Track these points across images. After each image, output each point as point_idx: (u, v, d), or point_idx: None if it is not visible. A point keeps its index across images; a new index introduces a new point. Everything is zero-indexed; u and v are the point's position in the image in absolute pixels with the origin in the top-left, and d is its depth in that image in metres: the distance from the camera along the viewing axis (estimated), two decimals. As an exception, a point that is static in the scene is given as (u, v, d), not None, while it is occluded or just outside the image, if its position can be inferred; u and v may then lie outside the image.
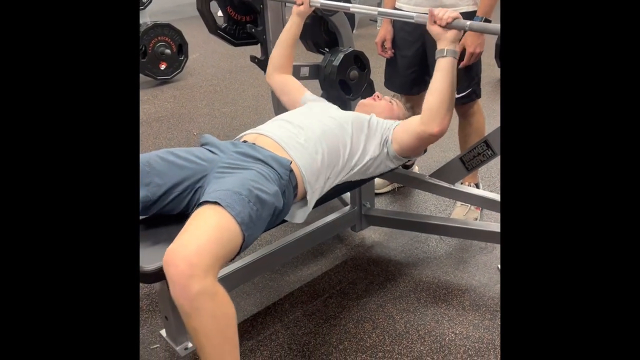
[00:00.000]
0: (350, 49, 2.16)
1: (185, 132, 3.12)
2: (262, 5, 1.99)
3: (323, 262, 1.94)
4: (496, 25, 1.29)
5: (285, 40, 1.78)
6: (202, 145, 1.44)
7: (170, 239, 1.28)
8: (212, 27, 1.96)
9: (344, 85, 2.23)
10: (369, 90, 2.19)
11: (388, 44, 2.08)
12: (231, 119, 3.30)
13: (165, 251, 1.07)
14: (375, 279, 1.83)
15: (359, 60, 2.17)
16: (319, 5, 1.70)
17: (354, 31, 4.27)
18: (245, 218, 1.14)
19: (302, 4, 1.72)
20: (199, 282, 1.03)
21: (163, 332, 1.59)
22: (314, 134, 1.43)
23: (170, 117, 3.35)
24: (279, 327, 1.64)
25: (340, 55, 2.14)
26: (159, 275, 1.21)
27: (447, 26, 1.35)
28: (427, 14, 1.63)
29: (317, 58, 2.28)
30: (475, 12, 1.89)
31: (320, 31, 2.24)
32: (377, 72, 2.24)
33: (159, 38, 3.79)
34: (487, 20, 1.64)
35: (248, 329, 1.63)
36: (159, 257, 1.22)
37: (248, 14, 1.97)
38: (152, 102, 3.62)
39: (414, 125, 1.46)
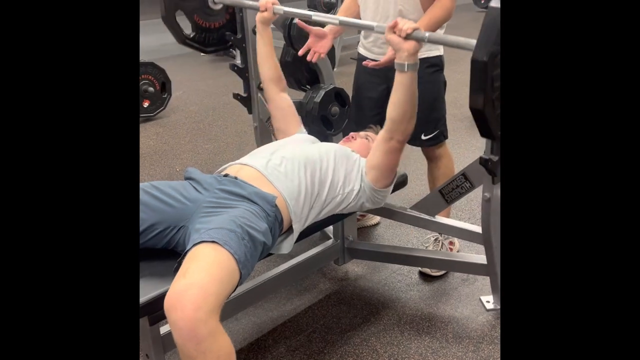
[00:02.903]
0: (331, 86, 2.22)
1: (168, 169, 3.12)
2: (244, 44, 2.04)
3: (306, 297, 1.93)
4: (453, 37, 1.26)
5: (264, 53, 1.78)
6: (186, 178, 1.45)
7: (154, 275, 1.28)
8: (180, 37, 1.93)
9: (325, 120, 2.27)
10: (350, 125, 2.23)
11: (314, 49, 1.89)
12: (214, 155, 3.32)
13: (168, 294, 1.05)
14: (359, 313, 1.83)
15: (340, 97, 2.23)
16: (282, 12, 1.70)
17: (335, 69, 4.36)
18: (242, 256, 1.15)
19: (265, 10, 1.71)
20: (206, 325, 1.02)
21: (144, 371, 1.56)
22: (296, 164, 1.45)
23: (153, 154, 3.35)
24: (263, 363, 1.62)
25: (322, 92, 2.20)
26: (143, 310, 1.20)
27: (407, 37, 1.33)
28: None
29: (299, 95, 2.34)
30: (437, 56, 1.92)
31: (301, 69, 2.30)
32: (358, 108, 2.29)
33: (143, 76, 3.83)
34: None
35: (231, 366, 1.60)
36: (143, 292, 1.21)
37: (216, 20, 1.96)
38: (134, 139, 3.62)
39: (379, 139, 1.51)
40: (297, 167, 1.44)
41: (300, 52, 1.87)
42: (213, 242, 1.13)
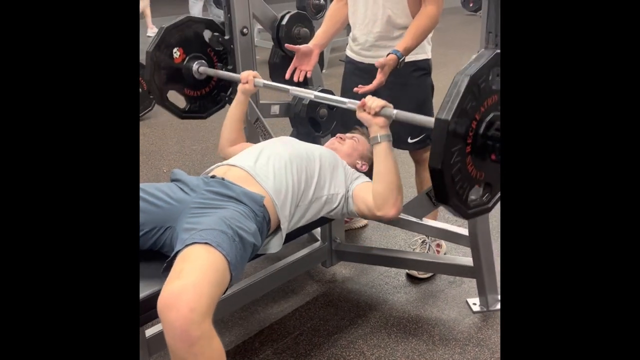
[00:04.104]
0: (320, 88, 2.22)
1: (155, 170, 3.10)
2: (232, 45, 2.03)
3: (294, 299, 1.93)
4: (420, 117, 1.33)
5: (233, 117, 1.79)
6: (172, 180, 1.44)
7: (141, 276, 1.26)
8: (179, 113, 2.06)
9: (313, 122, 2.28)
10: (337, 127, 2.24)
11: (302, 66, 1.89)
12: (202, 156, 3.30)
13: (162, 294, 1.05)
14: (346, 315, 1.83)
15: (328, 99, 2.23)
16: (262, 85, 1.74)
17: (323, 71, 4.37)
18: (233, 258, 1.15)
19: (247, 82, 1.74)
20: (199, 327, 1.01)
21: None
22: (283, 162, 1.45)
23: (140, 155, 3.33)
24: (249, 366, 1.61)
25: (310, 94, 2.19)
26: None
27: (376, 114, 1.39)
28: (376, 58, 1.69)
29: (287, 97, 2.33)
30: (425, 60, 1.91)
31: (290, 70, 2.29)
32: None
33: (130, 76, 3.81)
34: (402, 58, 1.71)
35: (217, 369, 1.59)
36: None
37: (204, 87, 2.07)
38: (121, 140, 3.59)
39: (369, 205, 1.45)
40: (285, 165, 1.44)
41: (287, 76, 1.88)
42: (206, 243, 1.13)
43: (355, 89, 1.73)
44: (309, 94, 1.64)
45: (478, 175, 1.13)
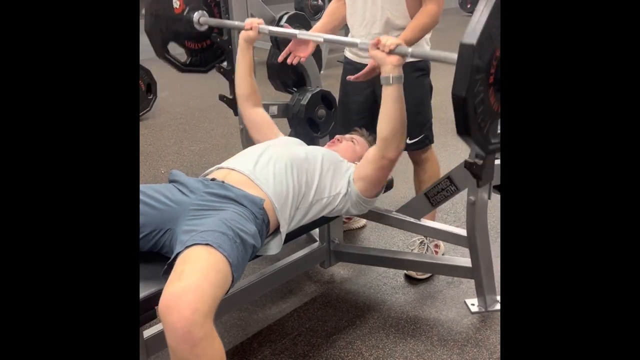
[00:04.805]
0: (318, 89, 2.22)
1: (153, 170, 3.10)
2: (230, 46, 2.03)
3: (292, 300, 1.92)
4: (439, 52, 1.31)
5: (241, 70, 1.78)
6: (170, 181, 1.44)
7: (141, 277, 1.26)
8: (179, 67, 2.02)
9: (312, 123, 2.27)
10: (336, 128, 2.24)
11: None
12: (199, 156, 3.30)
13: (163, 296, 1.04)
14: (345, 316, 1.83)
15: (326, 100, 2.23)
16: (267, 32, 1.70)
17: (322, 71, 4.36)
18: (234, 260, 1.15)
19: (251, 29, 1.72)
20: (201, 328, 1.01)
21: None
22: (283, 165, 1.45)
23: (138, 155, 3.33)
24: (247, 367, 1.61)
25: (308, 95, 2.20)
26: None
27: (390, 52, 1.37)
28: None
29: (285, 97, 2.33)
30: (424, 60, 1.89)
31: (288, 71, 2.30)
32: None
33: (128, 77, 3.80)
34: None
35: (215, 370, 1.59)
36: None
37: (206, 39, 2.06)
38: (119, 140, 3.58)
39: (372, 155, 1.51)
40: (285, 168, 1.44)
41: (280, 58, 1.86)
42: (207, 244, 1.12)
43: (347, 78, 1.74)
44: (319, 37, 1.65)
45: (499, 109, 1.10)
